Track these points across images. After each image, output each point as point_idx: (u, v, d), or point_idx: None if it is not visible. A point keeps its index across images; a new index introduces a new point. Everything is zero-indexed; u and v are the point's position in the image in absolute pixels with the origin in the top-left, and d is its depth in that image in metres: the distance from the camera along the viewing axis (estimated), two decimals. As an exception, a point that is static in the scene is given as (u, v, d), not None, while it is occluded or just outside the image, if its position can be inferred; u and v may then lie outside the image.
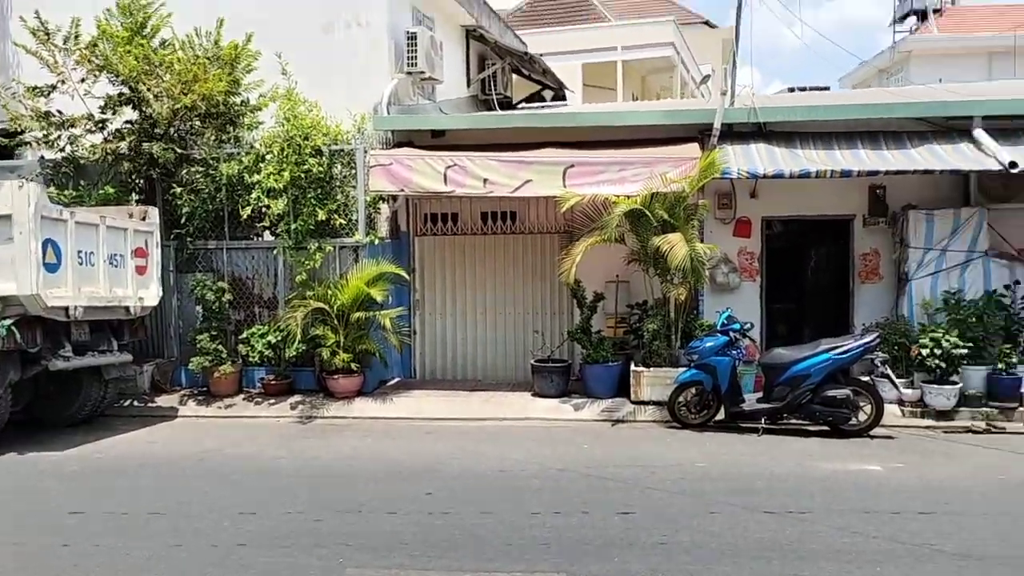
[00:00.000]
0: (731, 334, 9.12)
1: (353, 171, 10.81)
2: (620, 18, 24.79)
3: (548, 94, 17.97)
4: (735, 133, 10.55)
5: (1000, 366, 9.32)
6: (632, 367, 9.97)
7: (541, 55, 16.72)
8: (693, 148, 10.28)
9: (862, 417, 8.74)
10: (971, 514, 6.18)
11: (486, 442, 8.74)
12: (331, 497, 6.76)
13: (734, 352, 9.10)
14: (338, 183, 10.89)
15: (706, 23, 29.87)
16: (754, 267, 11.10)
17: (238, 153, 11.01)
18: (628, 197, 9.71)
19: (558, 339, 11.46)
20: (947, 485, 6.96)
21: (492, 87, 15.00)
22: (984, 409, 9.28)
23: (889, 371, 9.00)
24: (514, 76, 17.03)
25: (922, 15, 37.37)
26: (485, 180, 10.11)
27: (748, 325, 9.53)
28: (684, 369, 9.34)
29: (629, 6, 29.91)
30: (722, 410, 9.12)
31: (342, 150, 10.84)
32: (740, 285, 11.00)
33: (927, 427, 9.13)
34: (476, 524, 5.98)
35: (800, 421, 8.95)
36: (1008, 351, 9.34)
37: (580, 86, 21.16)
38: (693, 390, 9.19)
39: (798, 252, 12.42)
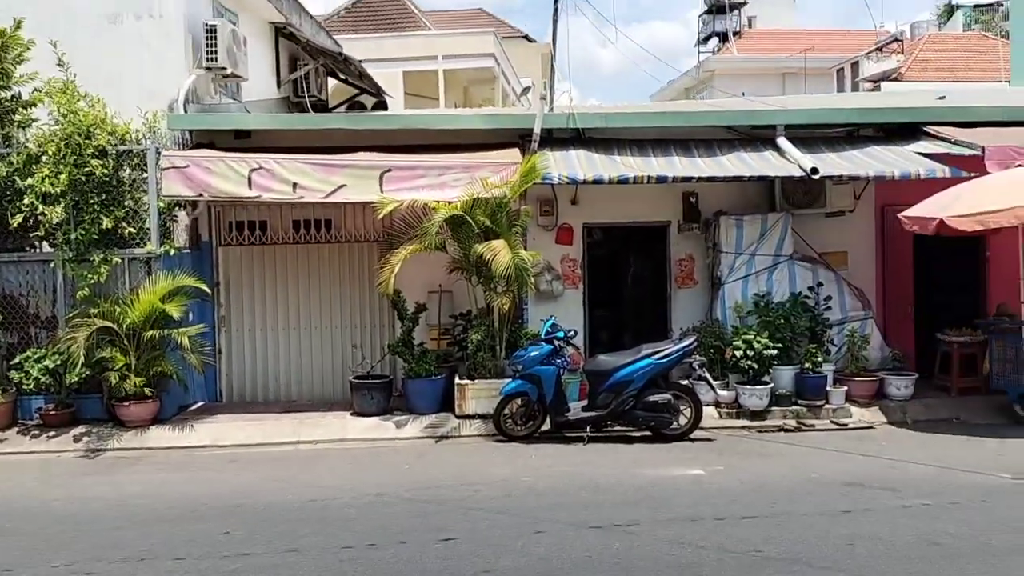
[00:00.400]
0: (555, 342, 8.94)
1: (145, 174, 9.75)
2: (440, 29, 24.58)
3: (369, 101, 17.33)
4: (555, 139, 10.44)
5: (807, 366, 9.66)
6: (456, 380, 9.56)
7: (361, 61, 16.08)
8: (514, 153, 10.05)
9: (683, 421, 8.79)
10: (792, 515, 6.21)
11: (298, 469, 8.04)
12: (109, 544, 5.87)
13: (559, 361, 8.91)
14: (127, 188, 9.78)
15: (525, 37, 30.32)
16: (577, 274, 11.04)
17: (8, 154, 9.69)
18: (449, 203, 9.33)
19: (378, 353, 10.86)
20: (766, 487, 7.01)
21: (305, 89, 14.17)
22: (794, 408, 9.57)
23: (706, 373, 9.11)
24: (331, 80, 16.26)
25: (723, 37, 40.03)
26: (295, 185, 9.39)
27: (572, 333, 9.38)
28: (509, 380, 9.05)
29: (449, 19, 29.83)
30: (548, 420, 8.91)
31: (131, 151, 9.75)
32: (563, 293, 10.88)
33: (743, 427, 9.30)
34: (278, 565, 5.33)
35: (624, 427, 8.88)
36: (814, 351, 9.70)
37: (402, 94, 20.70)
38: (519, 401, 8.93)
39: (618, 259, 12.49)
